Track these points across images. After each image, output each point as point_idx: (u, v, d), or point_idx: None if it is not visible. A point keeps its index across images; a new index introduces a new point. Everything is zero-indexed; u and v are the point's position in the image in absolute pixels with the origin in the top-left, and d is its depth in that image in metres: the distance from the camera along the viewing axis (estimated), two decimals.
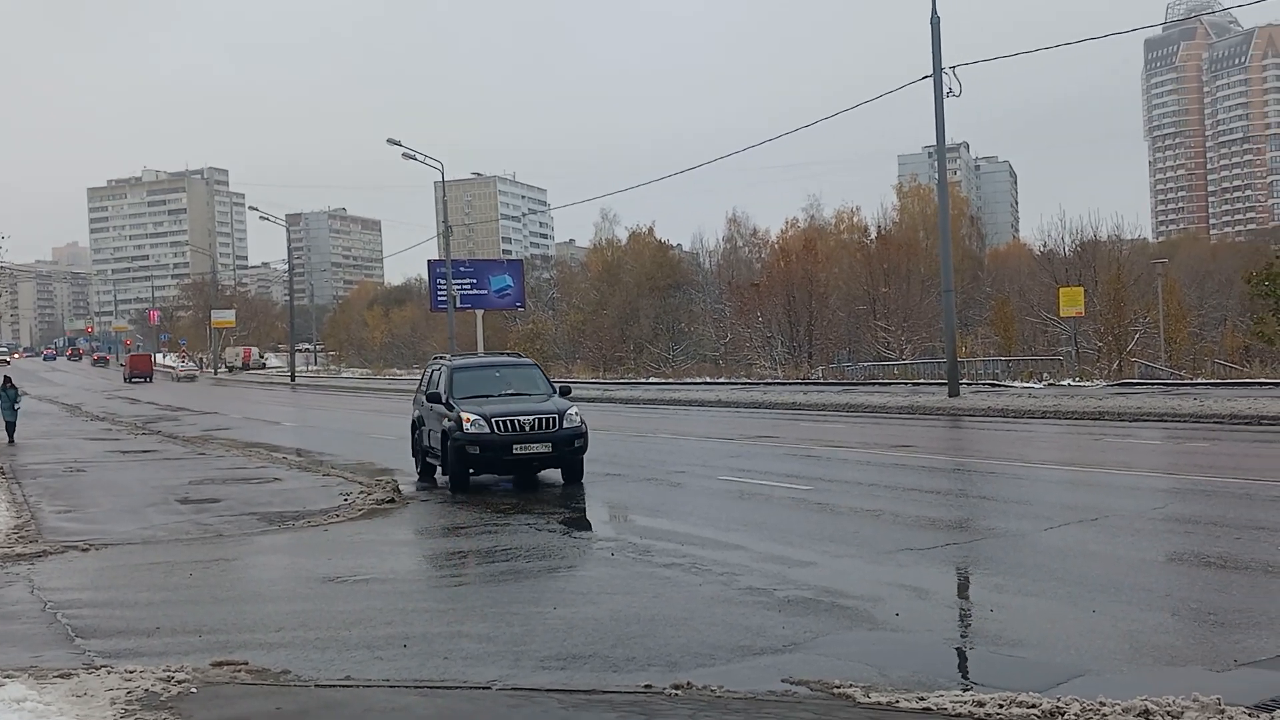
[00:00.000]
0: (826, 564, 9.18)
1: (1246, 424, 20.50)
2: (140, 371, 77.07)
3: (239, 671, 6.33)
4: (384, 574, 9.64)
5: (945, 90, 27.75)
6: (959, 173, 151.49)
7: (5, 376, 27.10)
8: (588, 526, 12.36)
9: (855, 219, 79.24)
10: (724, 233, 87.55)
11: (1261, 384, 29.60)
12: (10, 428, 25.99)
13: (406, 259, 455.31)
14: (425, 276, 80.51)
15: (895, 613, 7.49)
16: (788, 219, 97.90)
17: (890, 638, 6.97)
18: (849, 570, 8.93)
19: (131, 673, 6.14)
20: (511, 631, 7.30)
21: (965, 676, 6.19)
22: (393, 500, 13.80)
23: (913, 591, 8.19)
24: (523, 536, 11.22)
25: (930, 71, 28.26)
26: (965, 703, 5.40)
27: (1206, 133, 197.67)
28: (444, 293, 55.16)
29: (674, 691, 5.76)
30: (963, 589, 8.51)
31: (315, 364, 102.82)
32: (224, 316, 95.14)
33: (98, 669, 6.37)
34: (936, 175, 33.79)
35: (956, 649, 6.86)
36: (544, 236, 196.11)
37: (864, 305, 58.02)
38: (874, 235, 67.94)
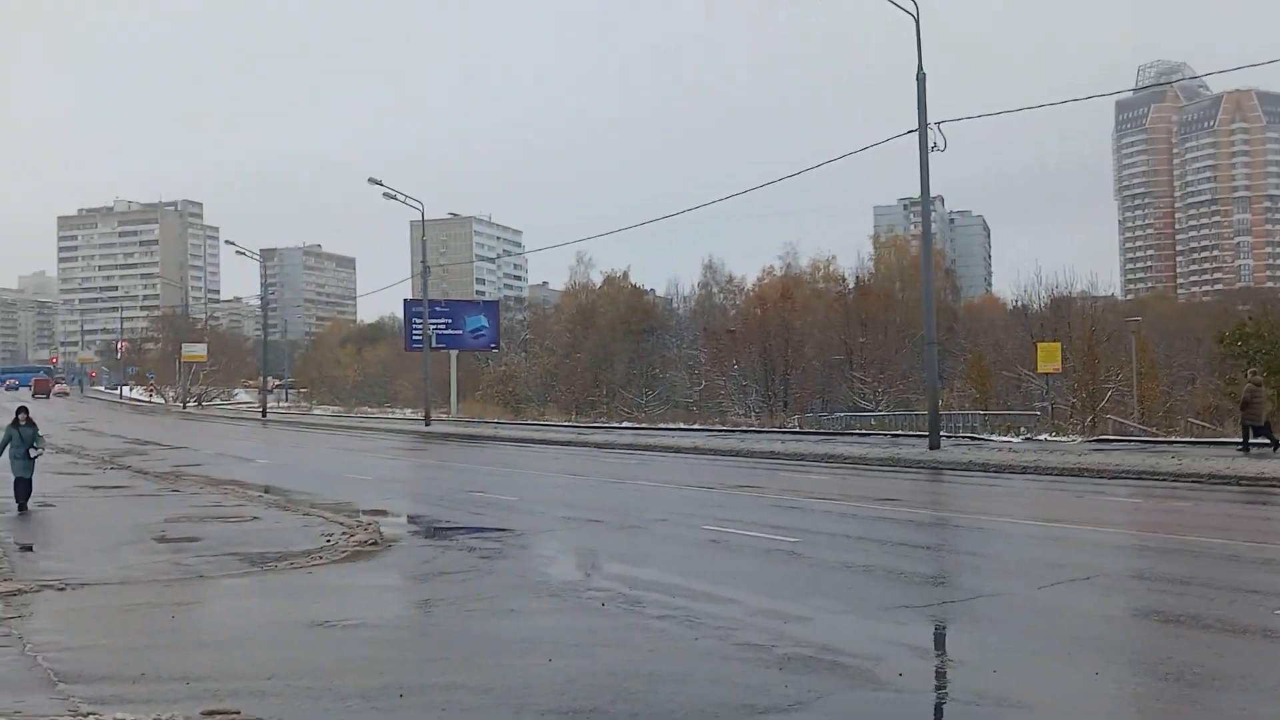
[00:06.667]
0: (823, 620, 9.08)
1: (1225, 483, 20.60)
2: (41, 390, 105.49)
3: None
4: (374, 619, 9.45)
5: (930, 145, 28.03)
6: (935, 225, 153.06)
7: (22, 408, 18.41)
8: (575, 575, 12.20)
9: (831, 268, 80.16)
10: (699, 279, 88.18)
11: (1235, 444, 29.77)
12: (22, 488, 17.40)
13: (376, 297, 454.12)
14: (398, 314, 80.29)
15: (898, 672, 7.39)
16: (764, 267, 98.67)
17: (894, 699, 6.87)
18: (846, 627, 8.84)
19: None
20: (508, 683, 7.15)
21: None
22: (375, 543, 13.60)
23: (913, 650, 8.11)
24: (510, 584, 11.06)
25: (916, 126, 28.57)
26: None
27: (1175, 194, 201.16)
28: (419, 332, 54.95)
29: None
30: (963, 648, 8.42)
31: (286, 400, 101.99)
32: (195, 350, 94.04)
33: (84, 716, 6.18)
34: (912, 227, 34.16)
35: (962, 711, 6.77)
36: (517, 278, 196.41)
37: (840, 355, 58.24)
38: (852, 285, 68.48)
